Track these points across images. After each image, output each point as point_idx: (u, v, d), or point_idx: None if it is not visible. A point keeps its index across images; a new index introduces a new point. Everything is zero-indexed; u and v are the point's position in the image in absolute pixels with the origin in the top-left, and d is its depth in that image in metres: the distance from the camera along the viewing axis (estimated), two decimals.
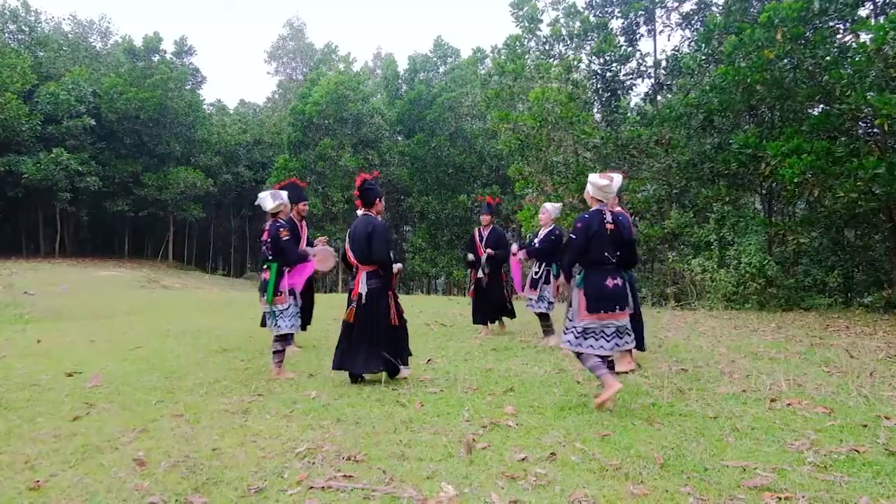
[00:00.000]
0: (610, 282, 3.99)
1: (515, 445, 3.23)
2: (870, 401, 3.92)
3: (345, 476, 2.82)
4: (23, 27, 33.81)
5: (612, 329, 4.01)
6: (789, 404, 3.89)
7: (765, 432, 3.36)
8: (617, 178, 4.13)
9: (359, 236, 4.76)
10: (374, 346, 4.64)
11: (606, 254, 4.00)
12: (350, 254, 4.82)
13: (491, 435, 3.43)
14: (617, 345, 4.08)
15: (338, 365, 4.77)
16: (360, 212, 5.00)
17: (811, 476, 2.73)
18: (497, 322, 7.64)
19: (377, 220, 4.84)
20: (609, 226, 4.03)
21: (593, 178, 4.16)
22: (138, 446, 3.28)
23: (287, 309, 5.18)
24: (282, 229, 5.19)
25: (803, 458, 2.95)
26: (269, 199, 5.29)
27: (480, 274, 7.30)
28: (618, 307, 4.00)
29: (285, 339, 5.31)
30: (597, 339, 4.00)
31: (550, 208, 6.69)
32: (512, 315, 7.58)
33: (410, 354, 4.99)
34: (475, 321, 7.52)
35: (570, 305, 4.15)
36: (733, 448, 3.13)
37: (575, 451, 3.13)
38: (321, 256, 6.06)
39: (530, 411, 3.89)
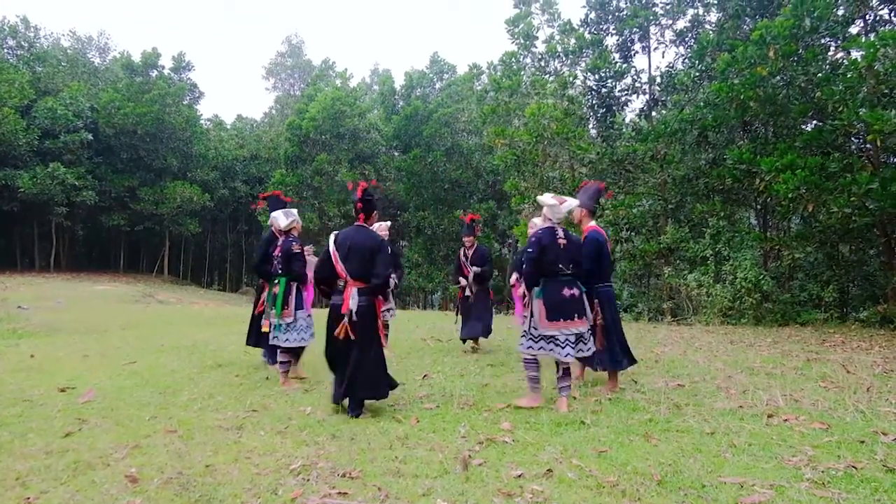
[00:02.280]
0: (567, 292, 4.36)
1: (512, 462, 3.21)
2: (867, 416, 3.91)
3: (340, 493, 2.79)
4: (22, 42, 34.06)
5: (572, 336, 4.34)
6: (786, 420, 3.89)
7: (762, 448, 3.35)
8: (569, 202, 4.59)
9: (359, 250, 4.28)
10: (371, 371, 4.26)
11: (560, 265, 4.39)
12: (340, 267, 4.30)
13: (487, 451, 3.40)
14: (581, 350, 4.41)
15: (340, 396, 4.29)
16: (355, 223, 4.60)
17: (809, 493, 2.71)
18: (474, 340, 7.51)
19: (378, 235, 4.46)
20: (561, 241, 4.44)
21: (546, 198, 4.59)
22: (131, 462, 3.25)
23: (294, 323, 5.31)
24: (294, 244, 5.43)
25: (801, 475, 2.94)
26: (282, 218, 5.52)
27: (468, 292, 7.34)
28: (576, 315, 4.35)
29: (291, 351, 5.41)
30: (560, 347, 4.31)
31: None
32: (487, 334, 7.34)
33: (394, 384, 4.53)
34: (461, 336, 7.46)
35: (532, 315, 4.46)
36: (731, 464, 3.11)
37: (572, 467, 3.11)
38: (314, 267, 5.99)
39: (527, 427, 3.87)
